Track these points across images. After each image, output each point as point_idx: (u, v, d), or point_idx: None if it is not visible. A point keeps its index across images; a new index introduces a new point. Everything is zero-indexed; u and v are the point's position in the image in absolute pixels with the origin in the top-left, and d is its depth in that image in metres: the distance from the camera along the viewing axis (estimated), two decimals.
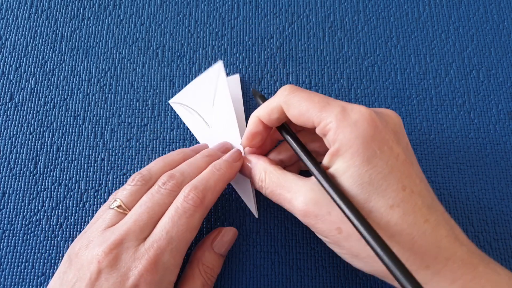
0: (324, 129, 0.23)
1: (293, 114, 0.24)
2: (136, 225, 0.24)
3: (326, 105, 0.23)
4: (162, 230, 0.23)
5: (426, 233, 0.21)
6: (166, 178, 0.25)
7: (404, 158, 0.22)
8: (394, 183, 0.21)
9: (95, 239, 0.24)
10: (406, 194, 0.21)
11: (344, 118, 0.22)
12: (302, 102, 0.24)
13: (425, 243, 0.21)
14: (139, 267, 0.22)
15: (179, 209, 0.24)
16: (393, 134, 0.22)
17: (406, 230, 0.21)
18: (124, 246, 0.23)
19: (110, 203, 0.26)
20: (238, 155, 0.28)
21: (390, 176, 0.21)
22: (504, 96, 0.34)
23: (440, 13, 0.37)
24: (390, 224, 0.21)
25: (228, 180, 0.27)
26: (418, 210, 0.21)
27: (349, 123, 0.22)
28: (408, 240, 0.21)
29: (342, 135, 0.22)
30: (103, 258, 0.22)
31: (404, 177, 0.21)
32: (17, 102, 0.34)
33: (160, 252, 0.23)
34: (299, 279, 0.29)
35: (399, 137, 0.23)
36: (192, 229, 0.24)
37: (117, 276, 0.22)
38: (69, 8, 0.37)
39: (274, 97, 0.25)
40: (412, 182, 0.22)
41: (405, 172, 0.22)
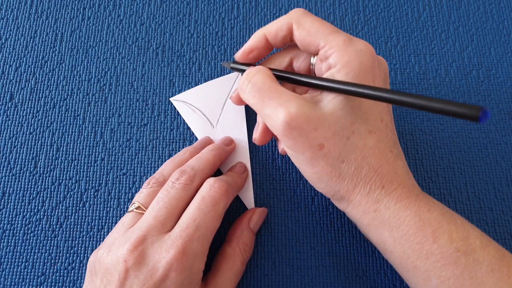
0: (328, 51, 0.24)
1: (301, 33, 0.25)
2: (157, 221, 0.24)
3: (335, 31, 0.24)
4: (190, 219, 0.24)
5: (389, 161, 0.24)
6: (178, 174, 0.26)
7: None
8: (376, 114, 0.24)
9: (117, 241, 0.24)
10: (382, 125, 0.24)
11: (350, 44, 0.24)
12: (314, 23, 0.25)
13: (387, 168, 0.24)
14: (167, 257, 0.23)
15: (205, 198, 0.25)
16: (383, 74, 0.25)
17: (377, 154, 0.24)
18: (148, 241, 0.23)
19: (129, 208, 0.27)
20: None
21: (374, 107, 0.24)
22: (504, 96, 0.34)
23: (440, 13, 0.37)
24: (366, 146, 0.23)
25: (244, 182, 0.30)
26: (387, 141, 0.24)
27: (354, 50, 0.23)
28: (375, 163, 0.23)
29: (346, 58, 0.23)
30: (128, 256, 0.23)
31: (383, 112, 0.24)
32: (17, 102, 0.34)
33: (188, 239, 0.23)
34: (299, 278, 0.29)
35: (386, 79, 0.26)
36: (218, 217, 0.25)
37: (146, 271, 0.22)
38: (69, 8, 0.37)
39: (284, 16, 0.26)
40: (388, 118, 0.25)
41: (385, 108, 0.25)
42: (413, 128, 0.33)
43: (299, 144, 0.23)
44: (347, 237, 0.30)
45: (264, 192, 0.31)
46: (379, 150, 0.23)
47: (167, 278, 0.22)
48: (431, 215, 0.23)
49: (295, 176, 0.31)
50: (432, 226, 0.23)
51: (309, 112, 0.23)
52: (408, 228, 0.23)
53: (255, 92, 0.24)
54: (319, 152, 0.23)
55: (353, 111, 0.23)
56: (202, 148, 0.30)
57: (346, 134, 0.23)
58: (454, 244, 0.22)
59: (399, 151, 0.25)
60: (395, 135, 0.25)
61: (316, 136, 0.23)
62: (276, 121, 0.23)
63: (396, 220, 0.23)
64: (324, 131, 0.23)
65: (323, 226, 0.30)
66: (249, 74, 0.25)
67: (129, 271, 0.22)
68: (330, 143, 0.23)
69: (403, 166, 0.24)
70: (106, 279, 0.23)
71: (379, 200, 0.23)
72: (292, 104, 0.23)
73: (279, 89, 0.24)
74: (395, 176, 0.24)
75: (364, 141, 0.23)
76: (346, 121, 0.23)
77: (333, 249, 0.30)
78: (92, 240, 0.30)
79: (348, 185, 0.24)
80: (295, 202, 0.31)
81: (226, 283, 0.26)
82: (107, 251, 0.24)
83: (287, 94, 0.23)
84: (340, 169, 0.23)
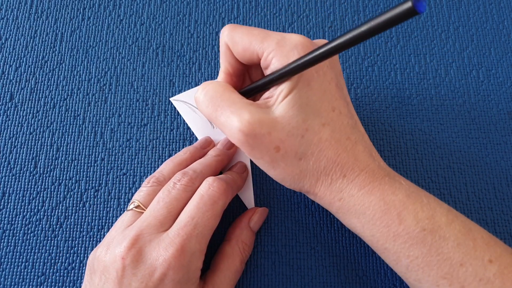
0: (267, 59, 0.24)
1: (238, 51, 0.25)
2: (156, 220, 0.24)
3: (266, 36, 0.24)
4: (188, 217, 0.24)
5: (347, 148, 0.24)
6: (180, 175, 0.26)
7: (336, 83, 0.25)
8: (326, 104, 0.24)
9: (115, 239, 0.24)
10: (335, 114, 0.24)
11: (284, 43, 0.23)
12: (243, 37, 0.25)
13: (346, 156, 0.24)
14: (165, 255, 0.23)
15: (204, 197, 0.25)
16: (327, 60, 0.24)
17: (333, 145, 0.23)
18: (145, 239, 0.23)
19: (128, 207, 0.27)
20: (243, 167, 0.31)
21: (323, 98, 0.24)
22: (504, 95, 0.34)
23: (440, 13, 0.37)
24: (321, 140, 0.23)
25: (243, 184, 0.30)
26: (343, 129, 0.24)
27: (290, 48, 0.23)
28: (334, 153, 0.23)
29: (285, 59, 0.23)
30: (126, 254, 0.23)
31: (334, 100, 0.24)
32: (17, 102, 0.34)
33: (186, 237, 0.23)
34: (299, 278, 0.29)
35: (333, 63, 0.25)
36: (216, 215, 0.25)
37: (144, 269, 0.22)
38: (69, 8, 0.37)
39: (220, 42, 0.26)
40: (341, 105, 0.24)
41: (335, 95, 0.24)
42: (413, 128, 0.33)
43: (256, 149, 0.23)
44: (347, 237, 0.30)
45: (264, 192, 0.31)
46: (335, 140, 0.23)
47: (165, 276, 0.22)
48: (395, 197, 0.23)
49: None
50: (397, 209, 0.23)
51: (262, 117, 0.23)
52: (374, 213, 0.23)
53: (208, 102, 0.25)
54: (276, 154, 0.23)
55: (303, 109, 0.23)
56: (202, 148, 0.30)
57: (300, 133, 0.23)
58: (420, 224, 0.22)
59: (359, 135, 0.25)
60: (352, 119, 0.25)
61: (271, 140, 0.23)
62: (230, 129, 0.23)
63: (361, 206, 0.23)
64: (278, 134, 0.23)
65: (323, 226, 0.30)
66: (204, 85, 0.25)
67: (127, 269, 0.22)
68: (285, 144, 0.23)
69: (364, 150, 0.24)
70: (105, 277, 0.23)
71: (342, 189, 0.24)
72: (244, 112, 0.23)
73: (231, 98, 0.24)
74: (356, 163, 0.24)
75: (319, 136, 0.23)
76: (298, 120, 0.23)
77: (333, 249, 0.30)
78: (92, 240, 0.30)
79: (311, 180, 0.24)
80: (295, 202, 0.31)
81: (224, 282, 0.26)
82: (105, 249, 0.24)
83: (240, 102, 0.24)
84: (300, 166, 0.24)
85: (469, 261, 0.22)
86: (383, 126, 0.33)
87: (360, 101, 0.34)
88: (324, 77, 0.24)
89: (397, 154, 0.32)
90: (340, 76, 0.26)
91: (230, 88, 0.25)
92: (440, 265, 0.22)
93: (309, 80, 0.23)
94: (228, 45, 0.26)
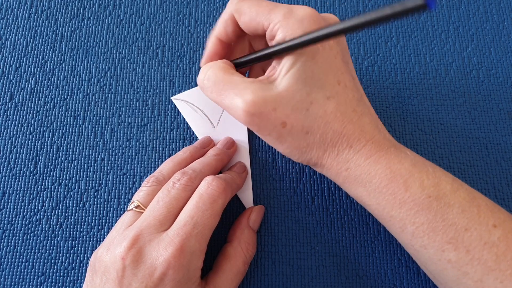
0: (273, 30, 0.24)
1: (244, 20, 0.25)
2: (156, 219, 0.24)
3: (274, 7, 0.24)
4: (187, 216, 0.24)
5: (353, 120, 0.24)
6: (179, 175, 0.26)
7: (342, 57, 0.25)
8: (332, 78, 0.24)
9: (116, 239, 0.24)
10: (341, 88, 0.24)
11: (291, 16, 0.23)
12: (251, 8, 0.25)
13: (352, 128, 0.24)
14: (165, 255, 0.23)
15: (203, 196, 0.25)
16: None
17: (339, 118, 0.24)
18: (146, 239, 0.23)
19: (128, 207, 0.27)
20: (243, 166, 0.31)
21: (329, 71, 0.24)
22: (505, 95, 0.34)
23: (440, 13, 0.37)
24: (327, 112, 0.24)
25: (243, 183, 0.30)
26: (349, 102, 0.24)
27: (296, 20, 0.23)
28: (339, 125, 0.24)
29: (290, 31, 0.23)
30: (126, 254, 0.23)
31: (339, 73, 0.24)
32: (17, 102, 0.33)
33: (186, 237, 0.23)
34: (299, 278, 0.29)
35: (339, 39, 0.25)
36: (215, 214, 0.25)
37: (144, 269, 0.22)
38: (69, 8, 0.37)
39: (225, 11, 0.26)
40: (346, 78, 0.24)
41: (341, 69, 0.24)
42: (413, 128, 0.33)
43: (263, 127, 0.24)
44: (347, 237, 0.30)
45: (264, 192, 0.31)
46: (341, 113, 0.24)
47: (165, 276, 0.22)
48: (401, 166, 0.24)
49: (295, 176, 0.31)
50: (403, 177, 0.23)
51: (265, 94, 0.23)
52: (380, 181, 0.23)
53: (211, 87, 0.25)
54: (283, 130, 0.24)
55: (307, 82, 0.23)
56: (202, 148, 0.30)
57: (305, 106, 0.23)
58: (425, 191, 0.23)
59: (365, 107, 0.25)
60: (358, 93, 0.25)
61: (276, 116, 0.23)
62: (236, 111, 0.24)
63: (367, 175, 0.24)
64: (283, 109, 0.23)
65: (323, 226, 0.30)
66: (204, 70, 0.26)
67: (127, 269, 0.22)
68: (291, 119, 0.23)
69: (370, 122, 0.25)
70: (105, 277, 0.23)
71: (349, 159, 0.24)
72: (247, 92, 0.23)
73: (233, 79, 0.24)
74: (362, 134, 0.24)
75: (324, 108, 0.23)
76: (302, 93, 0.23)
77: (333, 249, 0.30)
78: (92, 240, 0.30)
79: (318, 152, 0.24)
80: (295, 202, 0.31)
81: (226, 283, 0.26)
82: (106, 250, 0.24)
83: (242, 82, 0.24)
84: (307, 140, 0.24)
85: (474, 226, 0.22)
86: None
87: None
88: (330, 51, 0.24)
89: None
90: (346, 51, 0.26)
91: (229, 70, 0.25)
92: (445, 231, 0.22)
93: (314, 53, 0.23)
94: (234, 14, 0.26)
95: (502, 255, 0.22)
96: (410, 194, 0.23)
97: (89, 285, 0.24)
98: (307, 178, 0.31)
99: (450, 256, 0.22)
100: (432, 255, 0.23)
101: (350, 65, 0.26)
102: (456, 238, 0.22)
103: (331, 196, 0.31)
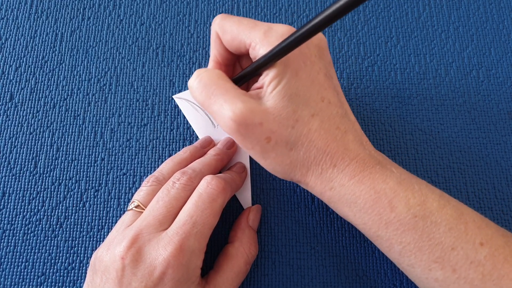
0: (255, 49, 0.24)
1: (227, 39, 0.25)
2: (156, 219, 0.24)
3: (254, 26, 0.24)
4: (187, 216, 0.24)
5: (337, 138, 0.24)
6: (179, 175, 0.26)
7: (325, 72, 0.25)
8: (315, 94, 0.24)
9: (115, 239, 0.24)
10: (324, 104, 0.24)
11: (270, 33, 0.24)
12: (233, 26, 0.25)
13: (335, 146, 0.24)
14: (164, 254, 0.23)
15: (202, 195, 0.25)
16: (316, 49, 0.25)
17: (322, 135, 0.24)
18: (145, 238, 0.23)
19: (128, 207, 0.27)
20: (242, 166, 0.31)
21: (312, 87, 0.24)
22: (504, 95, 0.34)
23: (440, 13, 0.37)
24: (311, 130, 0.23)
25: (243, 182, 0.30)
26: (333, 119, 0.24)
27: (276, 37, 0.23)
28: (323, 143, 0.24)
29: (272, 48, 0.23)
30: (125, 253, 0.23)
31: (323, 89, 0.24)
32: (17, 102, 0.34)
33: (185, 236, 0.23)
34: (299, 278, 0.29)
35: (322, 52, 0.25)
36: (215, 213, 0.25)
37: (143, 268, 0.23)
38: (69, 8, 0.37)
39: (211, 30, 0.27)
40: (330, 94, 0.24)
41: (324, 85, 0.24)
42: (413, 128, 0.33)
43: (247, 139, 0.24)
44: (347, 237, 0.30)
45: (264, 192, 0.31)
46: (324, 130, 0.24)
47: (165, 275, 0.22)
48: (386, 185, 0.23)
49: None
50: (388, 197, 0.23)
51: (254, 107, 0.23)
52: (365, 202, 0.23)
53: (201, 89, 0.25)
54: (267, 145, 0.24)
55: (292, 99, 0.23)
56: (202, 148, 0.30)
57: (291, 123, 0.23)
58: (411, 210, 0.23)
59: (349, 124, 0.25)
60: (342, 108, 0.25)
61: (262, 130, 0.23)
62: (223, 118, 0.23)
63: (352, 195, 0.24)
64: (269, 125, 0.23)
65: (323, 226, 0.30)
66: (198, 72, 0.26)
67: (127, 269, 0.23)
68: (276, 135, 0.23)
69: (354, 139, 0.24)
70: (105, 277, 0.23)
71: (333, 179, 0.24)
72: (237, 101, 0.23)
73: (225, 86, 0.24)
74: (346, 152, 0.24)
75: (308, 126, 0.23)
76: (289, 110, 0.23)
77: (333, 249, 0.30)
78: (92, 240, 0.30)
79: (301, 169, 0.24)
80: (295, 202, 0.31)
81: (226, 282, 0.26)
82: (106, 250, 0.24)
83: (233, 91, 0.24)
84: (290, 157, 0.24)
85: (460, 245, 0.22)
86: (383, 126, 0.33)
87: (360, 101, 0.34)
88: (312, 67, 0.24)
89: (397, 154, 0.32)
90: (329, 65, 0.26)
91: (224, 77, 0.25)
92: (431, 250, 0.22)
93: (297, 70, 0.23)
94: (218, 33, 0.26)
95: (488, 274, 0.22)
96: (395, 214, 0.23)
97: (90, 284, 0.24)
98: None
99: (437, 275, 0.22)
100: (419, 274, 0.23)
101: (334, 80, 0.25)
102: (443, 258, 0.22)
103: None
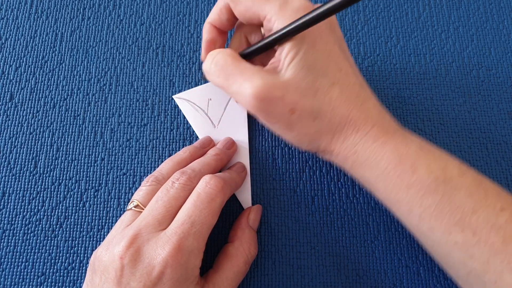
0: (270, 22, 0.24)
1: (240, 10, 0.26)
2: (155, 219, 0.24)
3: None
4: (185, 215, 0.24)
5: (358, 105, 0.25)
6: (178, 174, 0.26)
7: (339, 45, 0.25)
8: (333, 65, 0.24)
9: (115, 239, 0.24)
10: (342, 74, 0.25)
11: (286, 7, 0.24)
12: None
13: (357, 112, 0.24)
14: (163, 253, 0.23)
15: (201, 195, 0.25)
16: (328, 24, 0.25)
17: (344, 103, 0.24)
18: (144, 238, 0.23)
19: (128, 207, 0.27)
20: None
21: (329, 58, 0.24)
22: (505, 95, 0.34)
23: (440, 13, 0.37)
24: (332, 98, 0.24)
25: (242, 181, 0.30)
26: (352, 87, 0.25)
27: (292, 11, 0.24)
28: (345, 110, 0.24)
29: (287, 22, 0.23)
30: (124, 253, 0.23)
31: (340, 60, 0.25)
32: (17, 102, 0.33)
33: (184, 236, 0.23)
34: (299, 278, 0.29)
35: (333, 28, 0.26)
36: (213, 213, 0.25)
37: (142, 268, 0.22)
38: (69, 8, 0.37)
39: None
40: (346, 65, 0.25)
41: (340, 56, 0.25)
42: (413, 128, 0.33)
43: (271, 114, 0.24)
44: (347, 237, 0.30)
45: (264, 192, 0.31)
46: (345, 98, 0.24)
47: (163, 275, 0.22)
48: (408, 149, 0.24)
49: (295, 176, 0.31)
50: (410, 160, 0.23)
51: (273, 81, 0.23)
52: (387, 164, 0.24)
53: (218, 72, 0.25)
54: (291, 117, 0.24)
55: (311, 70, 0.24)
56: (202, 148, 0.30)
57: (312, 93, 0.24)
58: (432, 174, 0.23)
59: (367, 93, 0.26)
60: (359, 79, 0.26)
61: (284, 103, 0.24)
62: (244, 97, 0.24)
63: (375, 158, 0.24)
64: (291, 96, 0.24)
65: (323, 226, 0.30)
66: (211, 55, 0.26)
67: (125, 269, 0.22)
68: (299, 105, 0.24)
69: (374, 107, 0.25)
70: (105, 276, 0.23)
71: (356, 143, 0.25)
72: (256, 78, 0.23)
73: (241, 66, 0.24)
74: (367, 118, 0.24)
75: (330, 95, 0.24)
76: (308, 81, 0.24)
77: (333, 249, 0.30)
78: (92, 240, 0.30)
79: (327, 137, 0.25)
80: (295, 202, 0.31)
81: (226, 282, 0.26)
82: (105, 249, 0.24)
83: (250, 69, 0.24)
84: (315, 126, 0.25)
85: (481, 209, 0.22)
86: None
87: None
88: (328, 38, 0.25)
89: None
90: (341, 40, 0.26)
91: (237, 56, 0.25)
92: (452, 213, 0.22)
93: (314, 42, 0.24)
94: (230, 3, 0.26)
95: (509, 238, 0.22)
96: (417, 177, 0.23)
97: (89, 284, 0.24)
98: (307, 178, 0.31)
99: (457, 238, 0.22)
100: (439, 238, 0.23)
101: (347, 53, 0.26)
102: (463, 221, 0.22)
103: (331, 196, 0.31)
